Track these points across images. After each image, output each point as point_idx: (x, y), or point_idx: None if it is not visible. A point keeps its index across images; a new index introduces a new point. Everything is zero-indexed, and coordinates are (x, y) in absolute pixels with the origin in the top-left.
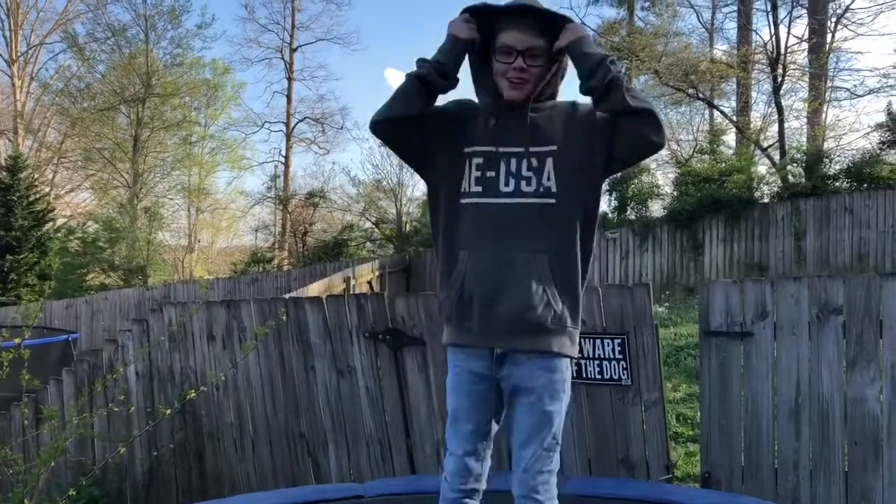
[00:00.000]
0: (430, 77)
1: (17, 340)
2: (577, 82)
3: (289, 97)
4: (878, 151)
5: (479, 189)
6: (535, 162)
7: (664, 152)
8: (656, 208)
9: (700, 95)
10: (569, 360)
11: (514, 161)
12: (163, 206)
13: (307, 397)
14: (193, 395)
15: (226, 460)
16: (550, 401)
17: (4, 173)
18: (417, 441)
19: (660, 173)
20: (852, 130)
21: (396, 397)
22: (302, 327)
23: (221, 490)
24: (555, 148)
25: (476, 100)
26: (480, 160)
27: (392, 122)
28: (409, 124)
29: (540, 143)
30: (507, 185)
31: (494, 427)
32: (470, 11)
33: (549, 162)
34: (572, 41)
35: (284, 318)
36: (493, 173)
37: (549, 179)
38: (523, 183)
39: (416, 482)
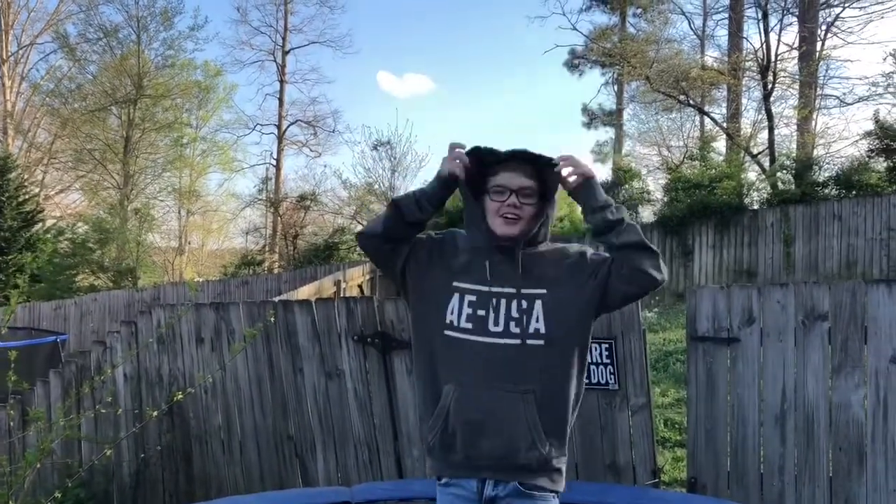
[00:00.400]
0: (403, 204)
1: None
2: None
3: (281, 100)
4: (867, 159)
5: (469, 326)
6: (524, 304)
7: (655, 158)
8: (647, 214)
9: (691, 102)
10: (556, 500)
11: (503, 301)
12: (153, 207)
13: (295, 400)
14: (181, 397)
15: (213, 463)
16: None
17: None
18: (405, 445)
19: (650, 179)
20: (841, 138)
21: (385, 401)
22: (291, 330)
23: (208, 492)
24: (544, 291)
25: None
26: (473, 298)
27: (372, 237)
28: (389, 245)
29: (530, 285)
30: (496, 324)
31: None
32: (472, 153)
33: (539, 304)
34: (587, 175)
35: (273, 320)
36: (483, 312)
37: (538, 321)
38: (512, 324)
39: (404, 486)
